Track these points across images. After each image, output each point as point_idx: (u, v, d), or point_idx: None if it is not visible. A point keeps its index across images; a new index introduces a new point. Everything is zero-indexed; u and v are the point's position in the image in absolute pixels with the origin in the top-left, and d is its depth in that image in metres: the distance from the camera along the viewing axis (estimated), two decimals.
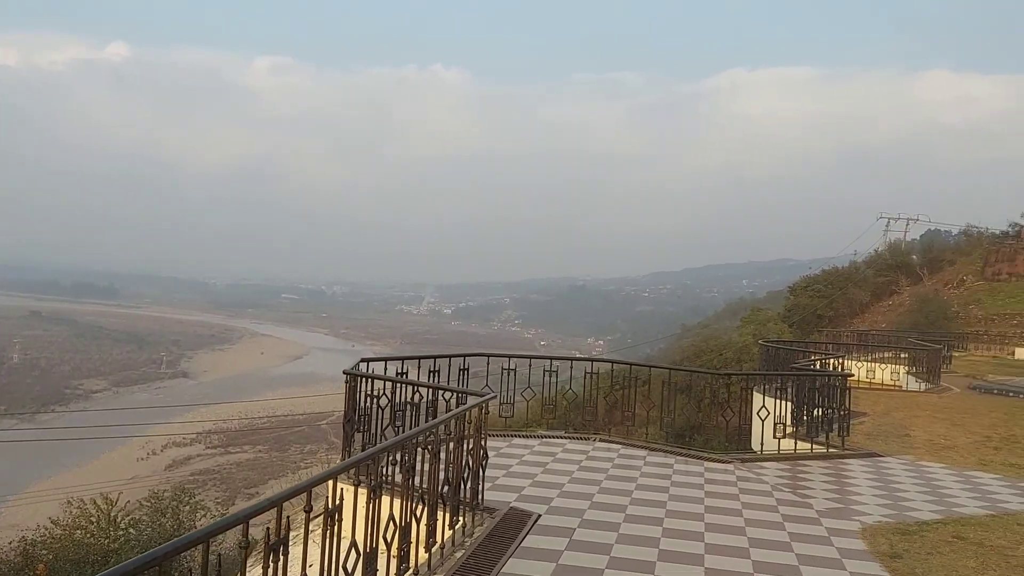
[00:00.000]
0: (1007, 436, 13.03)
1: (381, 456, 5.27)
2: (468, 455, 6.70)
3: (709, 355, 46.18)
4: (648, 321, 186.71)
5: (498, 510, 7.05)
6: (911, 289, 67.54)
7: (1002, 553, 6.51)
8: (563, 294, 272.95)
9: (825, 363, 18.50)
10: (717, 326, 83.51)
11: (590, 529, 6.77)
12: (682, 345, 63.75)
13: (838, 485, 8.98)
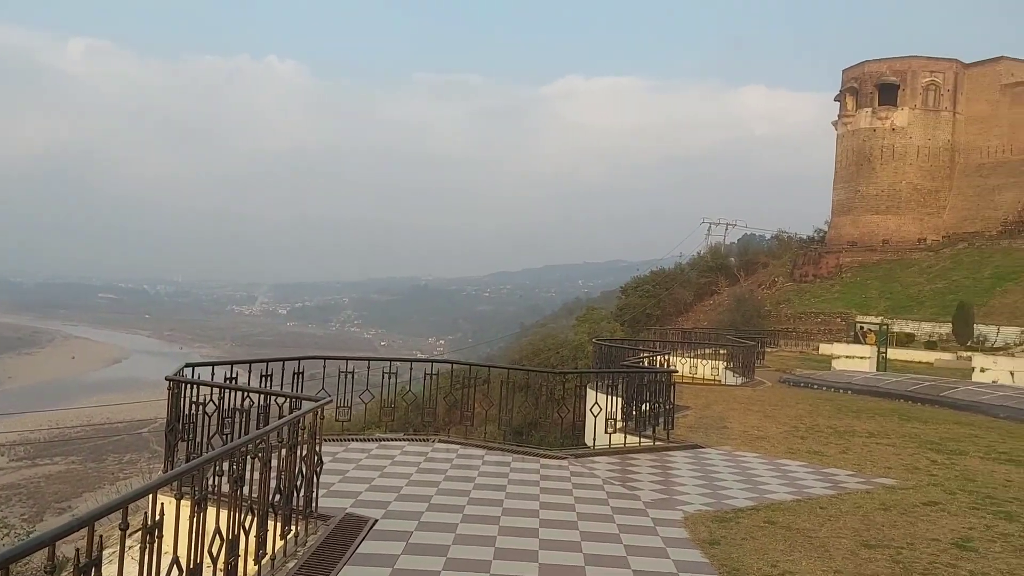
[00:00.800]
0: (811, 426, 14.21)
1: (207, 466, 5.01)
2: (302, 462, 6.51)
3: (547, 353, 47.36)
4: (489, 320, 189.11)
5: (333, 517, 6.89)
6: (729, 289, 72.35)
7: (807, 535, 7.08)
8: (405, 294, 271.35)
9: (653, 360, 19.46)
10: (554, 325, 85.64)
11: (427, 531, 6.76)
12: (521, 344, 64.99)
13: (663, 477, 9.45)
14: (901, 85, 69.34)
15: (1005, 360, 28.54)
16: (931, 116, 69.33)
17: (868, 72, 70.84)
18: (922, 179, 69.52)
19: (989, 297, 53.50)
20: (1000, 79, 67.77)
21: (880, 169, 70.26)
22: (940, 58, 70.06)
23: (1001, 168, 66.84)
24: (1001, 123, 67.18)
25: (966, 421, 16.14)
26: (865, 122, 70.84)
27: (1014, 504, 8.69)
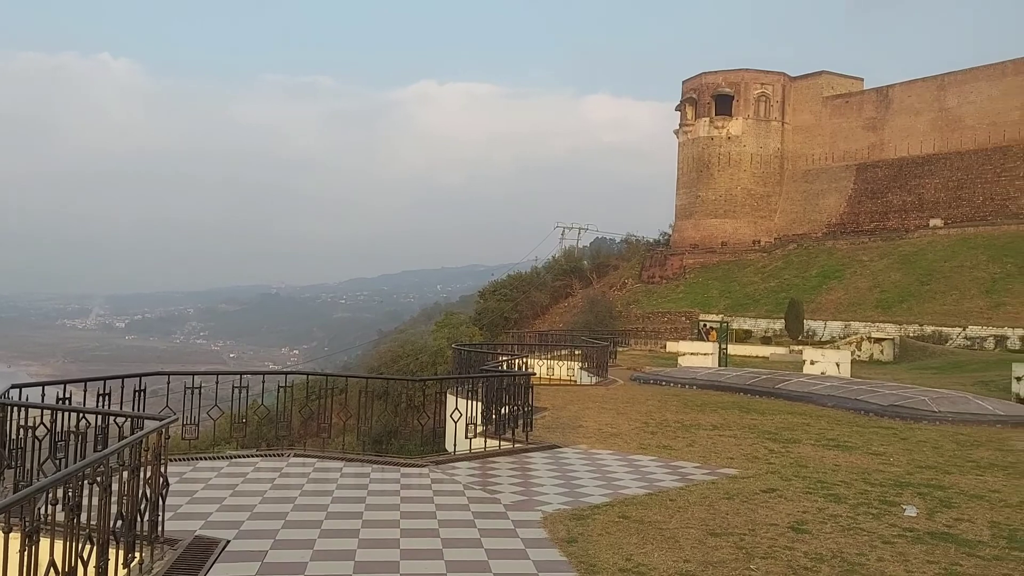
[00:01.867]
0: (661, 421, 14.86)
1: (38, 496, 4.64)
2: (146, 485, 6.15)
3: (406, 360, 47.05)
4: (345, 328, 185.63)
5: (181, 541, 6.55)
6: (583, 291, 74.51)
7: (658, 527, 7.40)
8: (255, 303, 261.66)
9: (511, 363, 19.74)
10: (413, 331, 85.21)
11: (283, 549, 6.55)
12: (380, 351, 64.22)
13: (523, 479, 9.60)
14: (735, 96, 73.86)
15: (832, 353, 30.96)
16: (762, 125, 74.25)
17: (705, 83, 75.01)
18: (756, 185, 74.29)
19: (817, 294, 57.88)
20: (822, 92, 73.53)
21: (718, 175, 74.49)
22: (769, 71, 75.19)
23: (824, 174, 72.52)
24: (823, 133, 72.90)
25: (799, 411, 17.35)
26: (704, 131, 74.93)
27: (841, 487, 9.43)
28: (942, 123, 64.97)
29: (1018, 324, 44.68)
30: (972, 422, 15.70)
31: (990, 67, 62.77)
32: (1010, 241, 54.09)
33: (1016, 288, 48.66)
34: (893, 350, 43.30)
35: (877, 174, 68.83)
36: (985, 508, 8.56)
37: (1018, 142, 60.31)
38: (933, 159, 65.23)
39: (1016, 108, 60.55)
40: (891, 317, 50.33)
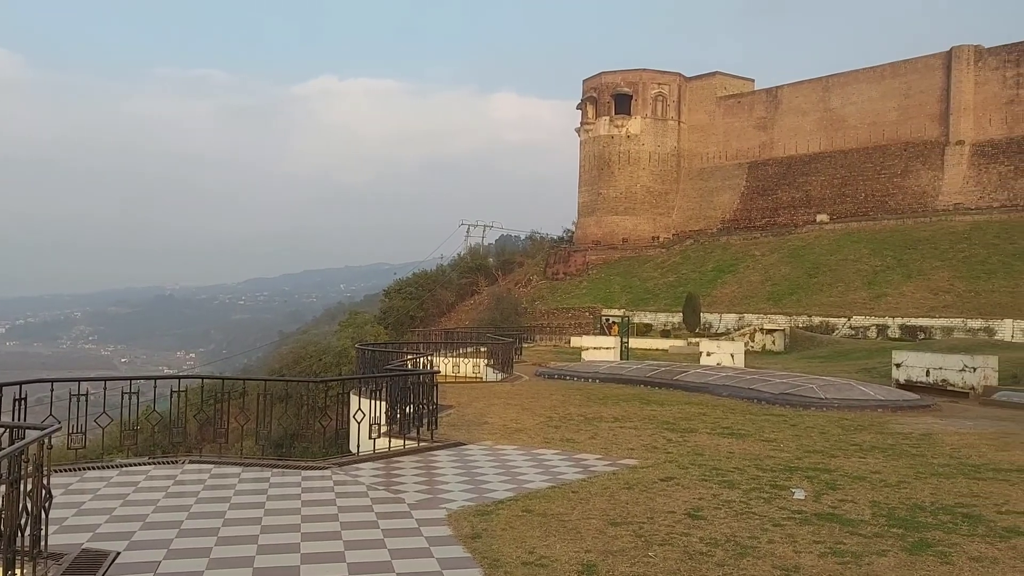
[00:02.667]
0: (564, 415, 15.08)
1: None
2: (26, 498, 5.82)
3: (309, 361, 46.14)
4: (245, 330, 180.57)
5: (67, 555, 6.24)
6: (489, 289, 74.78)
7: (560, 519, 7.52)
8: (148, 305, 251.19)
9: (416, 362, 19.63)
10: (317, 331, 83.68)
11: (178, 559, 6.33)
12: (281, 353, 62.80)
13: (428, 477, 9.58)
14: (634, 96, 75.59)
15: (727, 344, 32.06)
16: (660, 125, 76.24)
17: (605, 82, 76.44)
18: (654, 182, 76.24)
19: (713, 288, 59.87)
20: (716, 92, 76.06)
21: (618, 173, 76.07)
22: (666, 71, 77.24)
23: (718, 172, 75.07)
24: (717, 132, 75.45)
25: (696, 401, 17.93)
26: (604, 129, 76.37)
27: (735, 474, 9.81)
28: (827, 123, 68.26)
29: (897, 314, 47.42)
30: (856, 407, 16.59)
31: (870, 70, 66.34)
32: (889, 235, 57.33)
33: (895, 280, 51.64)
34: (784, 340, 45.24)
35: (768, 172, 71.73)
36: (867, 489, 9.06)
37: (896, 141, 63.98)
38: (819, 157, 68.47)
39: (894, 109, 64.20)
40: (782, 309, 52.55)
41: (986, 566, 6.33)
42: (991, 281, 47.69)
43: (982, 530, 7.34)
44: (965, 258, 51.10)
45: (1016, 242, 50.64)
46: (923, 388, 20.98)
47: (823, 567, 6.24)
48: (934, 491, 8.93)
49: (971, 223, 54.85)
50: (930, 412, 16.69)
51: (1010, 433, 13.48)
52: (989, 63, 59.62)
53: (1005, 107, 58.70)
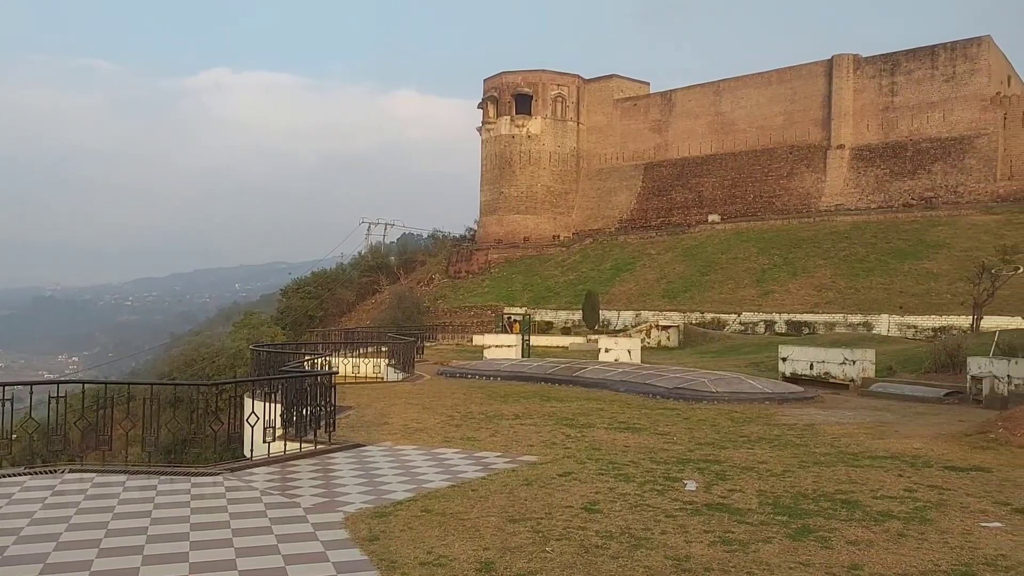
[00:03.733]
0: (466, 413, 15.09)
1: None
2: None
3: (202, 363, 44.54)
4: (133, 331, 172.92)
5: None
6: (390, 288, 74.10)
7: (459, 518, 7.52)
8: (25, 307, 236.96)
9: (315, 363, 19.24)
10: (210, 332, 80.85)
11: (56, 573, 6.00)
12: (172, 355, 60.36)
13: (325, 480, 9.39)
14: (534, 96, 76.36)
15: (624, 340, 32.81)
16: (559, 125, 77.29)
17: (506, 82, 76.90)
18: (554, 182, 77.23)
19: (611, 286, 61.15)
20: (613, 94, 77.68)
21: (519, 173, 76.68)
22: (565, 73, 78.35)
23: (616, 173, 76.70)
24: (615, 133, 77.07)
25: (595, 397, 18.27)
26: (505, 129, 76.82)
27: (630, 467, 10.03)
28: (718, 126, 70.78)
29: (784, 310, 49.63)
30: (745, 400, 17.27)
31: (758, 75, 69.17)
32: (776, 235, 59.93)
33: (781, 277, 54.02)
34: (678, 336, 46.64)
35: (662, 173, 73.78)
36: (754, 478, 9.43)
37: (782, 145, 66.93)
38: (711, 159, 70.91)
39: (780, 114, 67.14)
40: (676, 306, 54.17)
41: (862, 549, 6.69)
42: (869, 278, 50.52)
43: (859, 515, 7.76)
44: (845, 257, 53.94)
45: (891, 241, 53.83)
46: (807, 381, 22.03)
47: (712, 556, 6.46)
48: (816, 479, 9.38)
49: (851, 223, 57.95)
50: (813, 404, 17.53)
51: (885, 422, 14.30)
52: (867, 71, 63.15)
53: (881, 113, 62.31)
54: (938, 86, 59.83)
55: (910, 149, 60.87)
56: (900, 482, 9.20)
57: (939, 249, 51.02)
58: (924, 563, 6.32)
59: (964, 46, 59.15)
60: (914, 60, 61.17)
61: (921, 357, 25.01)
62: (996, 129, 57.48)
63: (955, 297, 42.34)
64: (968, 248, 48.72)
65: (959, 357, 21.47)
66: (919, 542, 6.88)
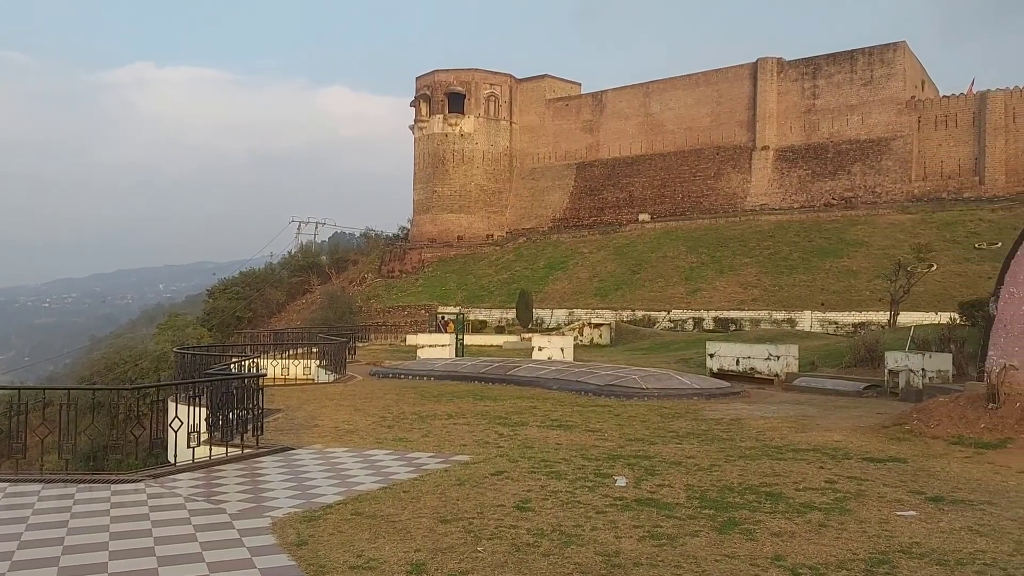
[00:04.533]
0: (398, 414, 14.97)
1: None
2: None
3: (124, 367, 43.16)
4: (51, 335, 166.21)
5: None
6: (322, 288, 72.99)
7: (390, 520, 7.45)
8: None
9: (242, 365, 18.82)
10: (133, 335, 78.39)
11: None
12: (92, 359, 58.19)
13: (252, 485, 9.19)
14: (467, 95, 76.27)
15: (557, 339, 33.03)
16: (492, 124, 77.38)
17: (438, 81, 76.61)
18: (488, 181, 77.29)
19: (544, 284, 61.52)
20: (545, 94, 78.16)
21: (453, 171, 76.50)
22: (498, 72, 78.47)
23: (548, 172, 77.20)
24: (547, 133, 77.57)
25: (528, 395, 18.34)
26: (438, 127, 76.53)
27: (562, 464, 10.11)
28: (648, 127, 71.91)
29: (712, 307, 50.73)
30: (674, 396, 17.59)
31: (685, 77, 70.52)
32: (704, 234, 61.21)
33: (709, 276, 55.21)
34: (610, 334, 47.22)
35: (594, 173, 74.59)
36: (682, 473, 9.61)
37: (709, 145, 68.39)
38: (641, 159, 72.01)
39: (707, 115, 68.60)
40: (608, 304, 54.84)
41: (785, 540, 6.88)
42: (792, 276, 52.05)
43: (782, 507, 7.99)
44: (770, 255, 55.45)
45: (813, 240, 55.55)
46: (734, 376, 22.56)
47: (641, 550, 6.56)
48: (742, 472, 9.61)
49: (775, 223, 59.60)
50: (740, 398, 17.97)
51: (807, 416, 14.75)
52: (790, 75, 65.02)
53: (803, 116, 64.25)
54: (857, 90, 62.01)
55: (831, 151, 62.92)
56: (821, 474, 9.50)
57: (858, 247, 52.88)
58: (843, 552, 6.54)
59: (881, 51, 61.44)
60: (834, 64, 63.26)
61: (842, 352, 25.87)
62: (911, 132, 59.88)
63: (873, 294, 43.95)
64: (885, 246, 50.64)
65: (877, 352, 22.29)
66: (839, 532, 7.11)
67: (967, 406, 11.78)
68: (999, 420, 11.11)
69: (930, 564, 6.23)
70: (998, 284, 13.00)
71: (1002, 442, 10.70)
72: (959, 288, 40.93)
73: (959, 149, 58.24)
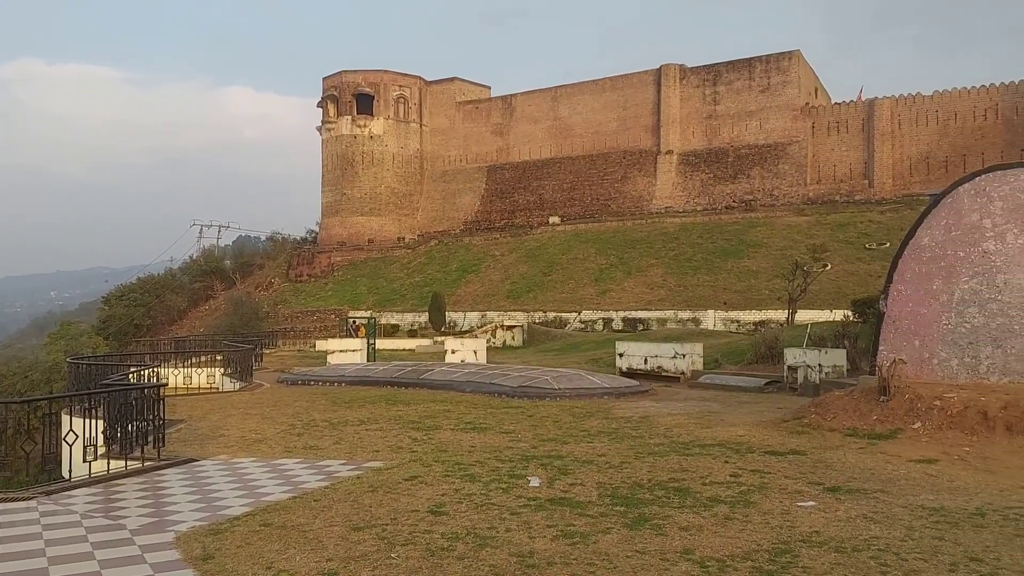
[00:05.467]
0: (308, 422, 14.67)
1: None
2: None
3: (13, 379, 40.94)
4: None
5: None
6: (226, 293, 70.82)
7: (301, 530, 7.29)
8: None
9: (141, 374, 18.09)
10: (22, 345, 74.43)
11: None
12: None
13: (154, 499, 8.84)
14: (376, 96, 75.47)
15: (470, 341, 33.01)
16: (402, 126, 76.81)
17: (346, 82, 75.53)
18: (398, 183, 76.67)
19: (457, 287, 61.41)
20: (455, 97, 78.09)
21: (363, 174, 75.54)
22: (407, 74, 77.93)
23: (460, 175, 77.17)
24: (458, 136, 77.51)
25: (441, 399, 18.27)
26: (346, 129, 75.43)
27: (476, 467, 10.11)
28: (557, 131, 72.77)
29: (620, 307, 51.71)
30: (585, 395, 17.84)
31: (593, 83, 71.70)
32: (612, 236, 62.33)
33: (618, 277, 56.25)
34: (523, 336, 47.52)
35: (505, 176, 74.98)
36: (594, 471, 9.76)
37: (616, 149, 69.73)
38: (551, 163, 72.80)
39: (614, 119, 69.93)
40: (520, 306, 55.19)
41: (693, 534, 7.07)
42: (696, 276, 53.56)
43: (690, 501, 8.20)
44: (675, 256, 56.91)
45: (716, 241, 57.31)
46: (642, 375, 23.06)
47: (555, 549, 6.62)
48: (651, 469, 9.83)
49: (679, 225, 61.22)
50: (648, 396, 18.38)
51: (712, 412, 15.21)
52: (692, 81, 66.95)
53: (705, 121, 66.26)
54: (755, 96, 64.34)
55: (731, 155, 65.08)
56: (726, 468, 9.81)
57: (758, 248, 54.85)
58: (748, 543, 6.77)
59: (777, 59, 63.96)
60: (734, 71, 65.47)
61: (744, 349, 26.79)
62: (806, 137, 62.54)
63: (773, 293, 45.66)
64: (783, 247, 52.71)
65: (777, 349, 23.18)
66: (744, 524, 7.36)
67: (861, 399, 12.37)
68: (890, 412, 11.72)
69: (829, 552, 6.51)
70: (887, 282, 13.71)
71: (893, 433, 11.28)
72: (852, 287, 42.96)
73: (850, 154, 61.18)
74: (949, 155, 57.34)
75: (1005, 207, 12.56)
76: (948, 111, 58.01)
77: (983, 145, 55.98)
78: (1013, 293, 12.36)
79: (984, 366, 12.52)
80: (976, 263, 12.70)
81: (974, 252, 12.73)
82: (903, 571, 6.04)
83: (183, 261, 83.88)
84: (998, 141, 55.82)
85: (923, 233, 13.32)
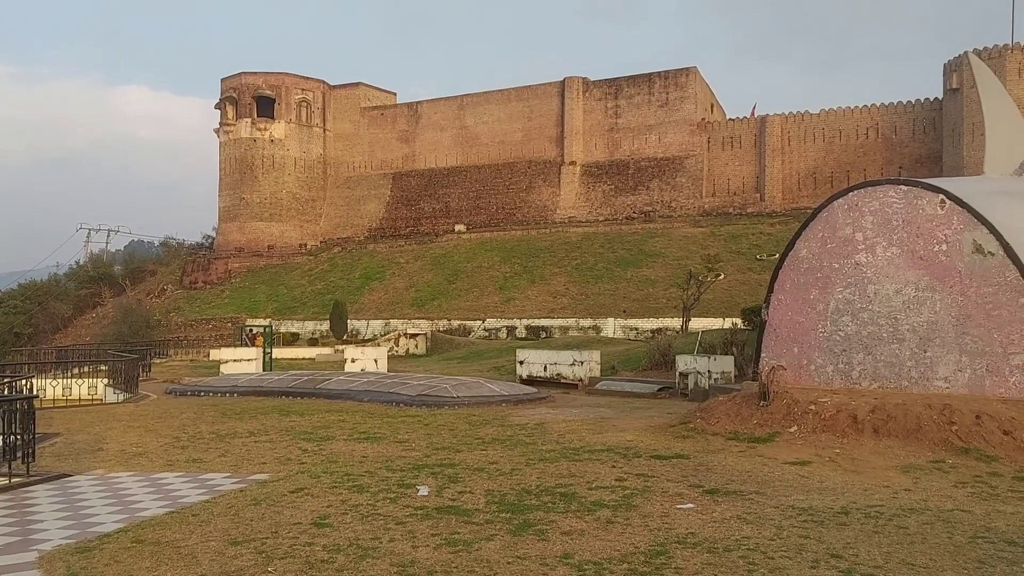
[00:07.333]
0: (194, 434, 14.18)
1: None
2: None
3: None
4: None
5: None
6: (115, 300, 67.78)
7: (175, 546, 7.04)
8: None
9: (14, 385, 17.10)
10: None
11: None
12: None
13: (19, 517, 8.38)
14: (277, 99, 73.84)
15: (371, 350, 32.66)
16: (305, 131, 75.40)
17: (245, 83, 73.63)
18: (301, 189, 75.17)
19: (360, 295, 60.66)
20: (360, 102, 77.26)
21: (263, 178, 73.72)
22: (310, 77, 76.61)
23: (364, 181, 76.32)
24: (363, 142, 76.68)
25: (337, 408, 17.96)
26: (246, 132, 73.50)
27: (366, 477, 10.00)
28: (463, 139, 72.94)
29: (524, 315, 52.16)
30: (484, 403, 17.90)
31: (498, 92, 72.25)
32: (517, 244, 62.88)
33: (522, 285, 56.77)
34: (426, 344, 47.33)
35: (411, 183, 74.60)
36: (484, 479, 9.81)
37: (521, 159, 70.41)
38: (457, 171, 72.88)
39: (519, 130, 70.63)
40: (425, 314, 54.96)
41: (575, 538, 7.20)
42: (598, 285, 54.61)
43: (575, 506, 8.35)
44: (578, 265, 57.87)
45: (616, 251, 58.59)
46: (542, 382, 23.33)
47: (437, 558, 6.62)
48: (540, 475, 9.95)
49: (582, 234, 62.30)
50: (545, 403, 18.59)
51: (605, 418, 15.51)
52: (594, 94, 68.35)
53: (607, 134, 67.73)
54: (654, 111, 66.21)
55: (632, 167, 66.72)
56: (613, 472, 10.03)
57: (656, 258, 56.38)
58: (626, 546, 6.94)
59: (675, 75, 66.02)
60: (634, 86, 67.19)
61: (640, 356, 27.45)
62: (702, 151, 64.74)
63: (669, 301, 46.98)
64: (680, 257, 54.34)
65: (670, 355, 23.86)
66: (624, 527, 7.54)
67: (743, 404, 12.87)
68: (769, 416, 12.23)
69: (702, 552, 6.75)
70: (769, 292, 14.34)
71: (771, 436, 11.78)
72: (743, 296, 44.65)
73: (743, 168, 63.66)
74: (834, 171, 60.41)
75: (875, 221, 13.32)
76: (833, 129, 61.15)
77: (865, 162, 59.25)
78: (882, 303, 13.11)
79: (856, 372, 13.22)
80: (849, 274, 13.41)
81: (847, 264, 13.45)
82: (768, 568, 6.32)
83: (69, 267, 79.89)
84: (878, 158, 59.22)
85: (801, 245, 13.99)
